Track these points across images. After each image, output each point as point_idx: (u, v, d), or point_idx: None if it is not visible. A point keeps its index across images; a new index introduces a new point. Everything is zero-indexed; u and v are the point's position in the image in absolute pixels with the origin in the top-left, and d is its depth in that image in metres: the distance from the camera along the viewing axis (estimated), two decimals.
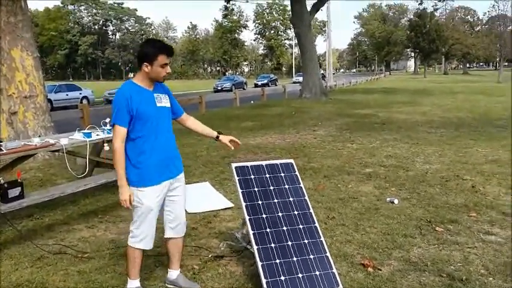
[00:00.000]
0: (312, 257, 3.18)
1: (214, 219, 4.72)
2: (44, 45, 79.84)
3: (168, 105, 3.06)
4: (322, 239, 3.32)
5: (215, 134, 3.35)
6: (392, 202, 5.12)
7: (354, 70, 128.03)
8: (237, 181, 3.50)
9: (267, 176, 3.58)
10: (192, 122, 3.32)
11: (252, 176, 3.55)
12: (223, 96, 27.10)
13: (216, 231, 4.38)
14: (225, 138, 3.35)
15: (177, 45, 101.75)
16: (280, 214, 3.38)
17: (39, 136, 7.08)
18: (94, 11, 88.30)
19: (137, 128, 2.87)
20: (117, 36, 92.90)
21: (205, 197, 5.43)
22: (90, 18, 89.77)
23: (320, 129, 11.54)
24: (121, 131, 2.84)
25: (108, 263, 3.65)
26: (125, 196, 2.86)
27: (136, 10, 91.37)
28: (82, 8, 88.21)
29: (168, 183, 3.02)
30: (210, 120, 13.89)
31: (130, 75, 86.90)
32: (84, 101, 23.83)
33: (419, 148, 8.50)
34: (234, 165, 3.58)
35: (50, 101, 22.93)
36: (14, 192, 3.80)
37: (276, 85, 45.12)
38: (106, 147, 5.01)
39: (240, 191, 3.44)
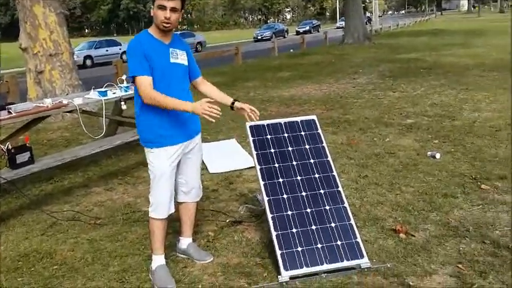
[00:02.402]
0: (333, 225, 2.83)
1: (236, 180, 4.44)
2: (87, 2, 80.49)
3: (185, 63, 2.71)
4: (346, 204, 2.94)
5: (230, 101, 2.87)
6: (434, 157, 4.62)
7: (403, 11, 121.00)
8: (251, 142, 3.15)
9: (285, 135, 3.20)
10: (207, 87, 2.94)
11: (269, 136, 3.18)
12: (263, 46, 26.34)
13: (237, 193, 4.10)
14: (241, 105, 2.85)
15: None
16: (299, 178, 3.02)
17: (67, 94, 7.00)
18: None
19: None
20: None
21: (230, 156, 5.15)
22: None
23: (360, 77, 10.85)
24: (147, 80, 2.49)
25: (120, 230, 3.47)
26: (200, 107, 2.42)
27: None
28: None
29: (183, 145, 2.72)
30: (245, 72, 13.51)
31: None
32: (124, 57, 23.86)
33: (468, 94, 7.75)
34: (248, 124, 3.22)
35: (90, 57, 23.34)
36: (22, 157, 3.65)
37: (318, 31, 43.45)
38: (123, 106, 4.76)
39: (254, 152, 3.09)
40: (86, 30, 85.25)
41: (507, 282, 2.48)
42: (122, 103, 4.76)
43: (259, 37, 38.60)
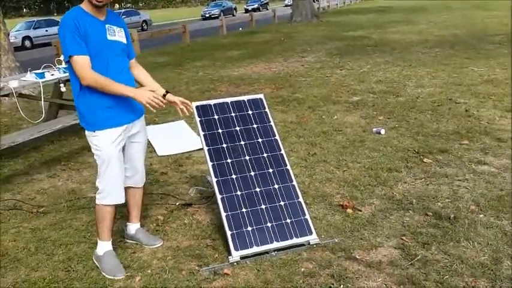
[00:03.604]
0: (282, 203, 2.86)
1: (186, 162, 4.37)
2: None
3: (124, 40, 2.57)
4: (295, 182, 2.97)
5: (162, 92, 2.70)
6: (379, 133, 4.75)
7: None
8: (198, 122, 3.10)
9: (233, 114, 3.16)
10: (140, 73, 2.77)
11: (216, 116, 3.13)
12: (211, 24, 25.90)
13: (187, 176, 4.05)
14: (173, 98, 2.70)
15: None
16: (247, 158, 3.01)
17: (4, 77, 6.58)
18: None
19: None
20: None
21: (179, 138, 5.06)
22: None
23: (309, 55, 10.93)
24: (84, 60, 2.35)
25: (65, 217, 3.34)
26: (144, 94, 2.41)
27: None
28: None
29: (127, 127, 2.60)
30: (193, 51, 13.25)
31: (116, 6, 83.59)
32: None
33: (412, 71, 8.01)
34: (194, 104, 3.16)
35: (29, 38, 22.09)
36: None
37: (267, 9, 43.19)
38: (62, 88, 4.54)
39: (201, 133, 3.04)
40: (24, 10, 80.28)
41: (449, 253, 2.61)
42: (61, 85, 4.54)
43: (207, 15, 37.90)
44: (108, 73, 2.44)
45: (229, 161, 2.98)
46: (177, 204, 3.46)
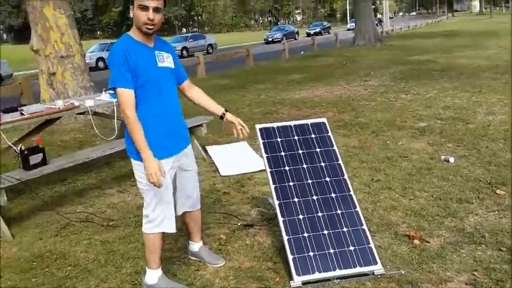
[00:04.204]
0: (345, 230, 2.81)
1: (248, 183, 4.43)
2: (98, 3, 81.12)
3: (172, 66, 2.55)
4: (358, 209, 2.92)
5: (221, 111, 2.73)
6: (448, 161, 4.56)
7: (414, 13, 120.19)
8: (261, 144, 3.14)
9: (296, 138, 3.18)
10: (196, 93, 2.77)
11: (279, 139, 3.16)
12: (273, 48, 26.31)
13: (249, 196, 4.09)
14: (232, 118, 2.72)
15: None
16: (309, 181, 3.00)
17: (79, 96, 7.06)
18: None
19: (137, 91, 2.38)
20: None
21: (241, 158, 5.14)
22: None
23: (372, 79, 10.78)
24: (129, 95, 2.33)
25: (133, 232, 3.48)
26: (154, 168, 2.33)
27: None
28: None
29: (177, 156, 2.61)
30: (256, 74, 13.51)
31: (183, 30, 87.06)
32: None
33: (481, 97, 7.66)
34: (258, 126, 3.21)
35: (102, 59, 23.48)
36: (35, 159, 3.67)
37: (329, 33, 43.32)
38: None
39: (264, 155, 3.08)
40: (98, 33, 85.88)
41: None
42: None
43: (269, 39, 38.60)
44: (162, 96, 2.46)
45: (291, 183, 2.99)
46: (239, 224, 3.50)
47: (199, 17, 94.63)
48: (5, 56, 25.25)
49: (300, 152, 3.11)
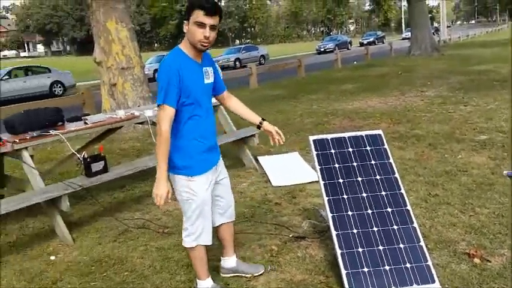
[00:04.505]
0: (401, 246, 2.73)
1: (299, 194, 4.41)
2: (156, 17, 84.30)
3: (212, 80, 2.60)
4: (416, 225, 2.83)
5: (259, 120, 2.73)
6: (510, 176, 4.33)
7: (473, 21, 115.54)
8: (315, 156, 3.13)
9: (350, 150, 3.14)
10: (234, 103, 2.80)
11: (333, 151, 3.14)
12: (325, 58, 26.17)
13: (301, 208, 4.07)
14: (269, 127, 2.72)
15: (279, 8, 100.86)
16: (364, 195, 2.94)
17: (139, 106, 7.34)
18: None
19: (185, 108, 2.42)
20: (223, 3, 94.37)
21: (293, 169, 5.13)
22: None
23: (429, 90, 10.44)
24: (170, 113, 2.35)
25: None
26: (162, 190, 2.38)
27: None
28: None
29: (215, 167, 2.66)
30: (308, 84, 13.48)
31: (236, 41, 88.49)
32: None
33: None
34: (311, 138, 3.20)
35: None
36: (97, 166, 3.85)
37: (383, 43, 42.54)
38: None
39: (318, 167, 3.06)
40: (156, 45, 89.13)
41: None
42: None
43: (322, 49, 38.44)
44: (205, 112, 2.50)
45: (345, 196, 2.95)
46: (291, 236, 3.49)
47: (252, 29, 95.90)
48: (68, 66, 26.79)
49: (355, 164, 3.06)
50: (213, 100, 2.72)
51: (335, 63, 19.13)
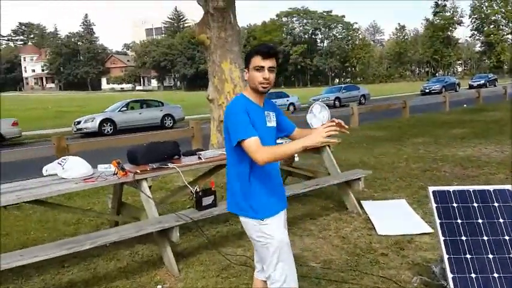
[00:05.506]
0: None
1: (408, 246, 4.14)
2: None
3: (275, 124, 2.62)
4: None
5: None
6: None
7: None
8: (434, 209, 2.92)
9: (475, 205, 2.89)
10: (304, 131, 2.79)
11: (455, 204, 2.91)
12: (431, 100, 25.01)
13: (409, 261, 3.81)
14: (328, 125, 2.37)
15: (383, 49, 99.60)
16: (490, 256, 2.67)
17: None
18: (305, 21, 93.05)
19: None
20: (325, 44, 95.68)
21: (400, 218, 4.86)
22: (300, 28, 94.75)
23: None
24: (257, 141, 2.30)
25: None
26: (319, 133, 2.20)
27: (344, 16, 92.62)
28: (294, 19, 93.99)
29: (282, 212, 2.58)
30: (413, 127, 12.93)
31: (336, 80, 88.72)
32: (291, 108, 25.15)
33: None
34: (431, 189, 3.01)
35: None
36: (207, 200, 3.99)
37: (495, 86, 39.65)
38: (296, 158, 4.92)
39: (437, 221, 2.86)
40: None
41: None
42: (295, 154, 4.92)
43: (427, 90, 36.86)
44: None
45: (468, 256, 2.70)
46: None
47: (353, 68, 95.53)
48: (178, 101, 28.76)
49: (480, 221, 2.81)
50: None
51: (442, 105, 18.18)
